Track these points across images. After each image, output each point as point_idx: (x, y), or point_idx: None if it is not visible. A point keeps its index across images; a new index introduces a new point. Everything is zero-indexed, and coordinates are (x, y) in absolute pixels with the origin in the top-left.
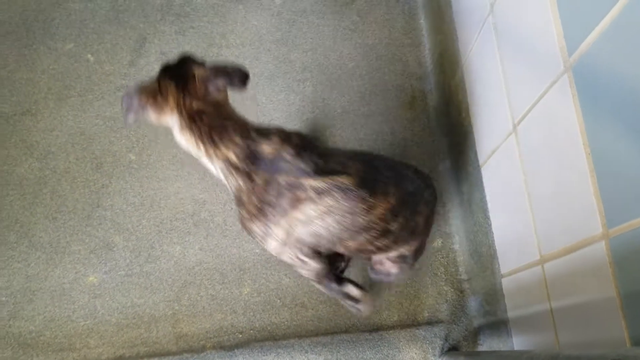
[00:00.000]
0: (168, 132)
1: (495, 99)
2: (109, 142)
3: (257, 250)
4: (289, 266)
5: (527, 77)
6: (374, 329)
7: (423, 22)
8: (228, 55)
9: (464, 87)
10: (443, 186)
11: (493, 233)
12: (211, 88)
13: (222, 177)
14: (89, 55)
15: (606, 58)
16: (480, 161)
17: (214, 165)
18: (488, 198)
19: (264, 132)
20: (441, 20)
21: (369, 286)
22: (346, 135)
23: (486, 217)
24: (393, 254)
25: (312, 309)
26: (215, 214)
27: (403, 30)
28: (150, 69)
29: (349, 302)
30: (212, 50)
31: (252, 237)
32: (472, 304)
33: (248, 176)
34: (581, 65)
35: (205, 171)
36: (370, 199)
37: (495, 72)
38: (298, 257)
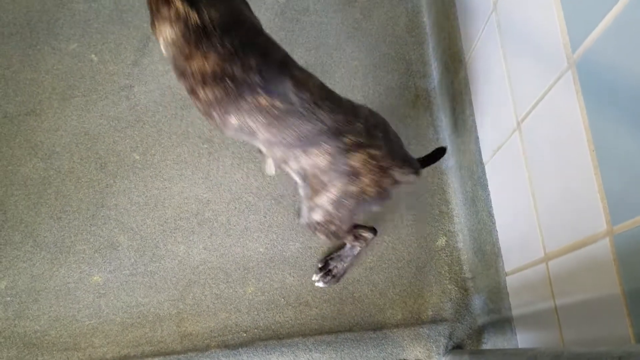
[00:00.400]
0: (172, 132)
1: (499, 96)
2: (113, 142)
3: (261, 250)
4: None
5: (531, 74)
6: (378, 327)
7: (426, 20)
8: None
9: (468, 85)
10: (447, 185)
11: (497, 231)
12: None
13: None
14: (93, 55)
15: (610, 54)
16: (484, 159)
17: None
18: (492, 196)
19: None
20: (445, 17)
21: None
22: None
23: (490, 215)
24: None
25: (316, 308)
26: (219, 213)
27: (406, 28)
28: (154, 68)
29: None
30: None
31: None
32: (476, 302)
33: None
34: (585, 61)
35: (209, 171)
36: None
37: (499, 69)
38: None
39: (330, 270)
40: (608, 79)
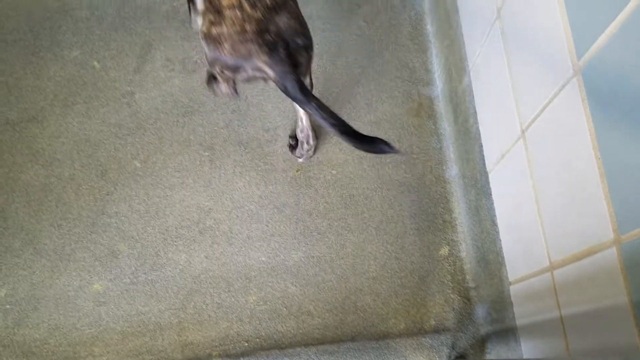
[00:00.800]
0: (173, 139)
1: (503, 104)
2: (114, 149)
3: (263, 259)
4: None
5: (535, 81)
6: (380, 337)
7: (429, 28)
8: None
9: (472, 93)
10: (450, 194)
11: (501, 240)
12: None
13: None
14: (95, 62)
15: (616, 61)
16: (488, 168)
17: None
18: (496, 205)
19: None
20: (448, 25)
21: None
22: None
23: (494, 224)
24: None
25: (319, 317)
26: (221, 221)
27: (409, 35)
28: (156, 75)
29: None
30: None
31: None
32: (480, 311)
33: None
34: (591, 68)
35: (211, 179)
36: None
37: (502, 77)
38: None
39: (297, 142)
40: (614, 86)
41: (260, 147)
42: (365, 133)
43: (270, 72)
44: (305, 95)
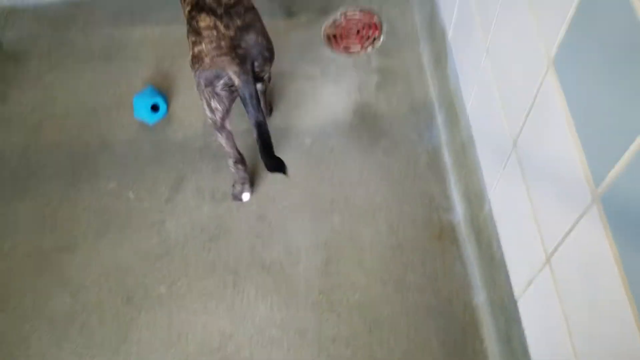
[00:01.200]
0: (198, 264)
1: (526, 231)
2: (141, 275)
3: None
4: None
5: (556, 209)
6: None
7: (447, 159)
8: (260, 191)
9: (493, 219)
10: (479, 321)
11: None
12: None
13: None
14: (130, 193)
15: (635, 186)
16: (516, 294)
17: None
18: (527, 332)
19: None
20: (464, 156)
21: None
22: (375, 267)
23: (526, 353)
24: None
25: None
26: (242, 347)
27: (427, 166)
28: (186, 203)
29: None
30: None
31: None
32: None
33: None
34: (610, 195)
35: (233, 302)
36: None
37: (523, 204)
38: None
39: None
40: (635, 211)
41: (283, 270)
42: (388, 257)
43: (237, 80)
44: (257, 104)
